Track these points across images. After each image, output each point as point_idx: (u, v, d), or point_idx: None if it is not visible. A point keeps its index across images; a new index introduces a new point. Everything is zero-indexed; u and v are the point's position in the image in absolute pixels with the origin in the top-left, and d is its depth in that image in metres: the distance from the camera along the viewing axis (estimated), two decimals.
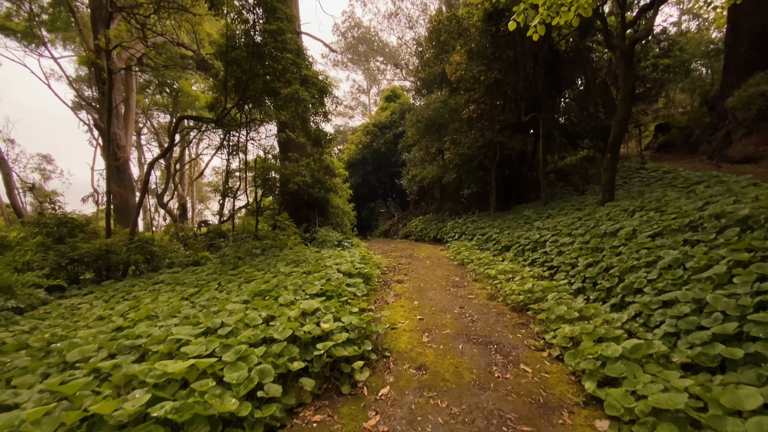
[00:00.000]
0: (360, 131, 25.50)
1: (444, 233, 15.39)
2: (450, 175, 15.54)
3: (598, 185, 14.08)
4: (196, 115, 14.03)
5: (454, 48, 15.28)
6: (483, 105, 14.08)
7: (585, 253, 6.96)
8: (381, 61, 46.84)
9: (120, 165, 17.21)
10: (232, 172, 16.67)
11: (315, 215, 13.83)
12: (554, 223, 9.65)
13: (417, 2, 38.20)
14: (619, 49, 9.23)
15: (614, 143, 9.72)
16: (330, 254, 9.43)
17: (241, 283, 6.37)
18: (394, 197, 27.51)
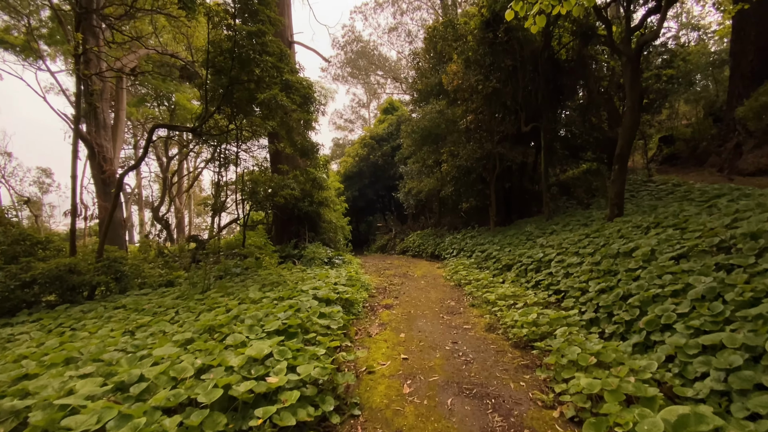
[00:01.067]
0: (357, 144, 24.85)
1: (442, 249, 14.50)
2: (448, 188, 14.73)
3: (603, 199, 13.23)
4: (172, 124, 13.33)
5: (450, 58, 14.64)
6: (481, 115, 13.34)
7: (596, 276, 6.06)
8: (381, 75, 46.63)
9: (106, 178, 16.47)
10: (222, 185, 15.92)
11: (305, 230, 12.98)
12: (559, 241, 8.77)
13: (416, 17, 38.07)
14: (625, 53, 8.48)
15: (622, 154, 8.89)
16: (314, 274, 8.55)
17: (200, 312, 5.50)
18: (393, 211, 26.69)
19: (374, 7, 41.16)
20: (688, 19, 27.01)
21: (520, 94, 12.44)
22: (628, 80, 8.49)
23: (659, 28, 7.60)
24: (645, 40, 8.08)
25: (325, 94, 17.43)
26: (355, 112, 50.03)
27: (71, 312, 6.96)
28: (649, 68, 15.25)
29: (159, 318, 5.61)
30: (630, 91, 8.51)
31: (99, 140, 16.02)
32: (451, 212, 18.70)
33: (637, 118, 8.62)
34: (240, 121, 10.71)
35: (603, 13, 8.60)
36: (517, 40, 12.49)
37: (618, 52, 8.56)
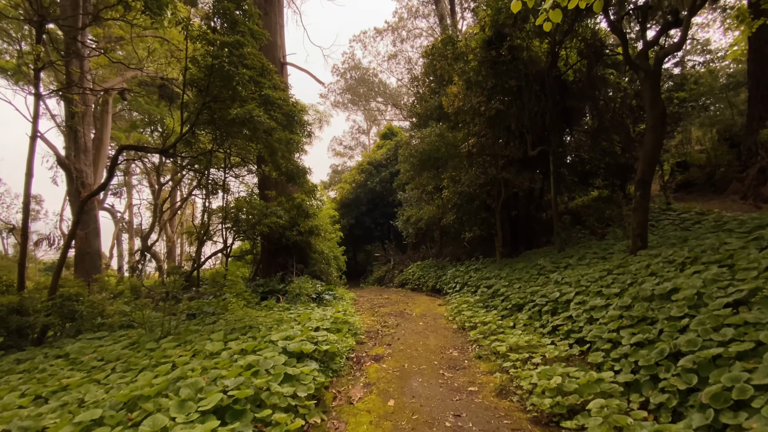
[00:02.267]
0: (354, 170, 24.25)
1: (443, 283, 13.48)
2: (449, 216, 13.87)
3: (619, 229, 12.35)
4: (139, 145, 12.68)
5: (451, 80, 14.13)
6: (484, 139, 12.65)
7: (628, 323, 5.09)
8: (381, 102, 46.79)
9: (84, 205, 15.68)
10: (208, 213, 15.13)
11: (293, 262, 12.04)
12: (576, 276, 7.81)
13: (416, 45, 38.44)
14: (643, 68, 7.80)
15: (644, 179, 8.06)
16: (296, 315, 7.57)
17: (140, 370, 4.52)
18: (391, 240, 25.75)
19: (374, 36, 41.69)
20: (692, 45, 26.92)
21: (526, 116, 11.78)
22: (648, 97, 7.77)
23: (683, 39, 6.94)
24: (666, 53, 7.43)
25: (320, 117, 16.91)
26: (355, 138, 49.97)
27: (2, 363, 5.96)
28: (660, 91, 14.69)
29: (93, 375, 4.64)
30: (650, 109, 7.77)
31: (78, 165, 15.34)
32: (453, 242, 17.75)
33: (659, 138, 7.85)
34: (228, 145, 10.05)
35: (617, 26, 7.99)
36: (522, 60, 11.97)
37: (635, 68, 7.88)
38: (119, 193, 35.78)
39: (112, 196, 35.74)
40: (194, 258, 15.46)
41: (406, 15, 38.88)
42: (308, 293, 10.16)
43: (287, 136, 7.38)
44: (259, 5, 13.48)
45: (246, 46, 6.74)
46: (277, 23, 13.97)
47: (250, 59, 6.77)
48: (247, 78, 6.59)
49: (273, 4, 13.82)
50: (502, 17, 9.22)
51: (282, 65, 13.97)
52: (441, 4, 22.86)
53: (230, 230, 12.00)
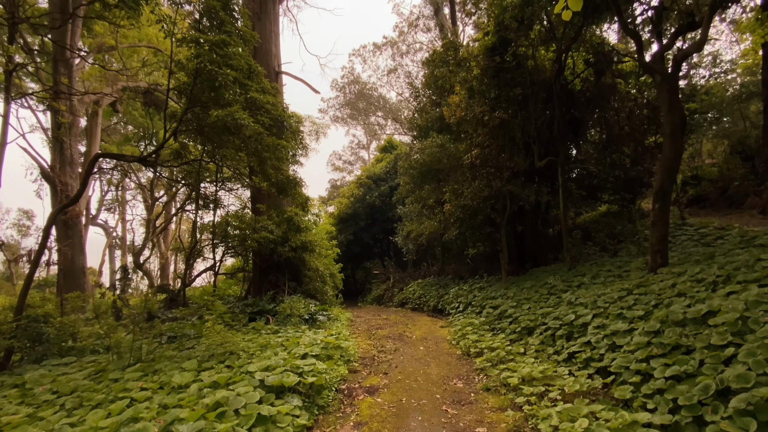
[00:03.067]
0: (353, 184, 23.82)
1: (446, 303, 12.85)
2: (451, 232, 13.32)
3: (632, 245, 11.78)
4: (117, 153, 12.26)
5: (452, 89, 13.80)
6: (488, 150, 12.21)
7: (660, 352, 4.50)
8: (381, 116, 46.77)
9: (68, 220, 15.18)
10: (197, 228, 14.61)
11: (285, 280, 11.45)
12: (591, 297, 7.22)
13: (417, 59, 38.54)
14: (659, 72, 7.39)
15: (663, 190, 7.55)
16: (284, 339, 6.97)
17: (94, 406, 3.93)
18: (392, 256, 25.14)
19: (373, 50, 41.93)
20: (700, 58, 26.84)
21: (533, 126, 11.36)
22: (666, 102, 7.33)
23: (703, 39, 6.52)
24: (685, 54, 7.02)
25: (317, 129, 16.55)
26: (355, 153, 49.81)
27: None
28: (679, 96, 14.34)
29: (40, 412, 4.05)
30: (668, 115, 7.32)
31: (63, 178, 14.90)
32: (455, 259, 17.16)
33: (679, 146, 7.38)
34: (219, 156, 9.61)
35: (631, 27, 7.61)
36: (527, 68, 11.65)
37: (651, 71, 7.47)
38: (113, 208, 35.36)
39: (105, 211, 35.33)
40: (182, 276, 14.90)
41: (406, 29, 39.20)
42: (300, 314, 9.55)
43: (275, 141, 6.91)
44: (254, 12, 13.24)
45: (231, 46, 6.34)
46: (272, 31, 13.72)
47: (236, 60, 6.37)
48: (232, 79, 6.17)
49: (268, 11, 13.60)
50: (507, 16, 8.82)
51: (276, 74, 13.66)
52: (441, 13, 22.81)
53: (219, 246, 11.47)
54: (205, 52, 6.03)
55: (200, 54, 6.04)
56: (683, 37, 8.00)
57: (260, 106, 6.84)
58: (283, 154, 7.23)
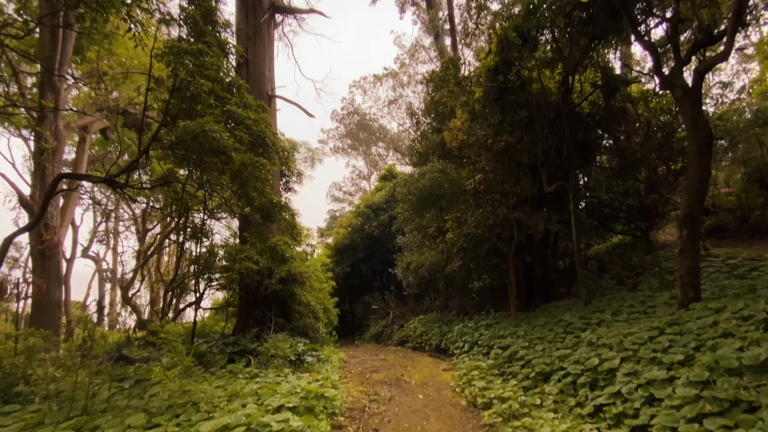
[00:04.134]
0: (351, 213, 23.24)
1: (449, 342, 11.90)
2: (455, 263, 12.55)
3: (653, 278, 11.00)
4: (80, 173, 11.75)
5: (453, 114, 13.43)
6: (492, 175, 11.65)
7: (715, 408, 3.67)
8: (383, 147, 46.94)
9: (45, 249, 14.50)
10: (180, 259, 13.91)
11: (271, 315, 10.61)
12: (616, 337, 6.38)
13: (417, 90, 38.98)
14: (679, 85, 6.89)
15: (691, 215, 6.88)
16: (258, 386, 6.10)
17: None
18: (392, 290, 24.18)
19: (373, 82, 42.59)
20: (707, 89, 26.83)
21: (540, 149, 10.83)
22: (689, 118, 6.78)
23: (729, 48, 6.04)
24: (708, 65, 6.52)
25: (313, 155, 16.12)
26: (356, 184, 49.67)
27: None
28: (681, 128, 13.93)
29: None
30: (692, 132, 6.75)
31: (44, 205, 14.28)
32: (459, 292, 16.25)
33: (707, 165, 6.75)
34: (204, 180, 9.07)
35: (646, 39, 7.17)
36: (531, 90, 11.27)
37: (670, 86, 6.97)
38: (104, 240, 34.71)
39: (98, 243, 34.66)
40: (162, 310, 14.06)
41: (407, 60, 39.88)
42: (285, 355, 8.66)
43: (252, 158, 6.33)
44: (248, 36, 13.13)
45: (209, 56, 5.89)
46: (266, 55, 13.55)
47: (212, 70, 5.89)
48: (206, 90, 5.67)
49: (262, 35, 13.48)
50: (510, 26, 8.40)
51: (270, 97, 13.36)
52: (440, 39, 22.98)
53: (201, 278, 10.72)
54: (179, 60, 5.57)
55: (170, 62, 5.57)
56: (702, 52, 7.53)
57: (240, 121, 6.33)
58: (263, 173, 6.63)
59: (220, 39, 6.63)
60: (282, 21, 15.78)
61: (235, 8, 13.63)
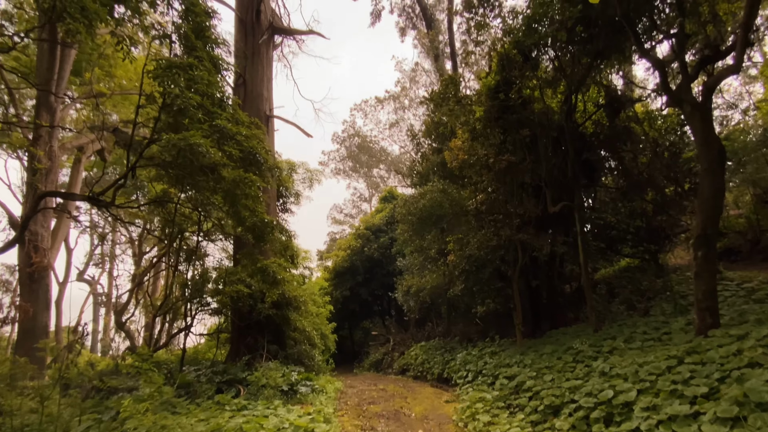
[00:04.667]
0: (351, 235, 22.96)
1: (452, 371, 11.41)
2: (457, 286, 12.17)
3: (666, 303, 10.58)
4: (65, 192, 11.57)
5: (453, 134, 13.33)
6: (494, 195, 11.42)
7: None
8: (384, 169, 47.13)
9: (33, 272, 14.20)
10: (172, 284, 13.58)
11: (264, 342, 10.19)
12: (630, 366, 5.98)
13: (418, 113, 39.36)
14: (688, 101, 6.72)
15: (705, 234, 6.57)
16: (244, 420, 5.69)
17: None
18: (392, 315, 23.63)
19: (374, 105, 43.11)
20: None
21: (543, 168, 10.63)
22: (699, 134, 6.57)
23: (739, 62, 5.88)
24: (718, 79, 6.36)
25: (311, 177, 16.00)
26: (356, 206, 49.64)
27: None
28: (687, 148, 13.77)
29: None
30: (703, 148, 6.53)
31: (34, 226, 14.08)
32: (462, 318, 15.77)
33: (720, 183, 6.50)
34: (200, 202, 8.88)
35: (651, 54, 7.04)
36: (534, 109, 11.17)
37: (678, 102, 6.81)
38: (101, 263, 34.36)
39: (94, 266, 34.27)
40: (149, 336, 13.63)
41: (408, 84, 40.43)
42: (277, 384, 8.23)
43: (241, 174, 6.11)
44: (246, 56, 13.20)
45: (198, 69, 5.76)
46: (264, 75, 13.59)
47: (202, 85, 5.75)
48: (195, 104, 5.51)
49: (261, 56, 13.55)
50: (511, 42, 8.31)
51: (267, 117, 13.32)
52: (440, 59, 23.20)
53: (192, 303, 10.37)
54: (167, 74, 5.43)
55: (158, 75, 5.43)
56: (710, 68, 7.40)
57: (230, 136, 6.15)
58: (253, 190, 6.39)
59: (213, 54, 6.52)
60: (281, 42, 15.93)
61: (234, 29, 13.78)
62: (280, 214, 14.76)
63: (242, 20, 13.47)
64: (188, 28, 6.14)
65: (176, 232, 13.21)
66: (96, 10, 4.99)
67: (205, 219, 11.12)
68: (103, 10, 4.93)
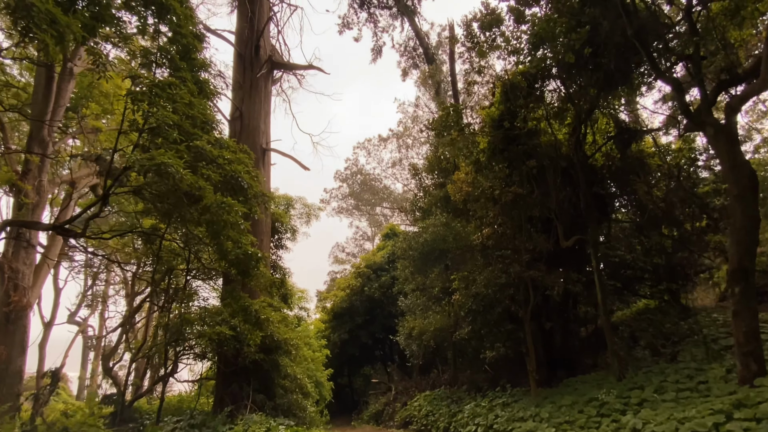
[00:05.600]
0: (351, 274, 22.21)
1: (459, 425, 10.39)
2: (463, 329, 11.35)
3: (695, 348, 9.69)
4: (28, 221, 11.10)
5: (456, 168, 12.99)
6: (501, 229, 10.86)
7: None
8: (387, 207, 46.92)
9: (10, 312, 13.50)
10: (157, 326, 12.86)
11: (249, 390, 9.33)
12: (669, 422, 5.18)
13: (422, 152, 39.58)
14: (711, 124, 6.29)
15: (743, 268, 5.93)
16: None
17: None
18: (395, 360, 22.43)
19: (377, 144, 43.59)
20: None
21: (553, 201, 10.12)
22: (726, 159, 6.09)
23: (764, 80, 5.47)
24: (742, 99, 5.96)
25: (308, 212, 15.58)
26: (359, 245, 49.13)
27: None
28: (704, 182, 13.30)
29: None
30: (732, 173, 6.02)
31: (15, 263, 13.51)
32: (470, 364, 14.74)
33: (753, 211, 5.93)
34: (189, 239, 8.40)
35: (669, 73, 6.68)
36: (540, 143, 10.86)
37: (701, 126, 6.40)
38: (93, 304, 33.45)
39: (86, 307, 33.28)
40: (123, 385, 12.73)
41: (410, 124, 40.93)
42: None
43: (219, 199, 5.60)
44: (242, 88, 13.16)
45: (179, 88, 5.42)
46: (261, 109, 13.51)
47: (181, 104, 5.37)
48: (171, 123, 5.11)
49: (259, 90, 13.52)
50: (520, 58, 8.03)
51: (264, 151, 13.08)
52: (441, 92, 23.32)
53: (172, 347, 9.62)
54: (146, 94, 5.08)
55: (136, 97, 5.08)
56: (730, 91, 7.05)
57: (210, 159, 5.71)
58: (235, 217, 5.85)
59: (198, 77, 6.23)
60: (281, 77, 16.02)
61: (233, 62, 13.83)
62: (274, 250, 14.20)
63: (241, 55, 13.55)
64: (175, 51, 5.88)
65: (164, 271, 12.63)
66: (68, 22, 4.69)
67: (195, 257, 10.59)
68: (74, 22, 4.64)
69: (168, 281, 12.57)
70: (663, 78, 6.73)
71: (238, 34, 13.80)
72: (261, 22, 13.59)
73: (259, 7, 13.65)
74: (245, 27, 13.36)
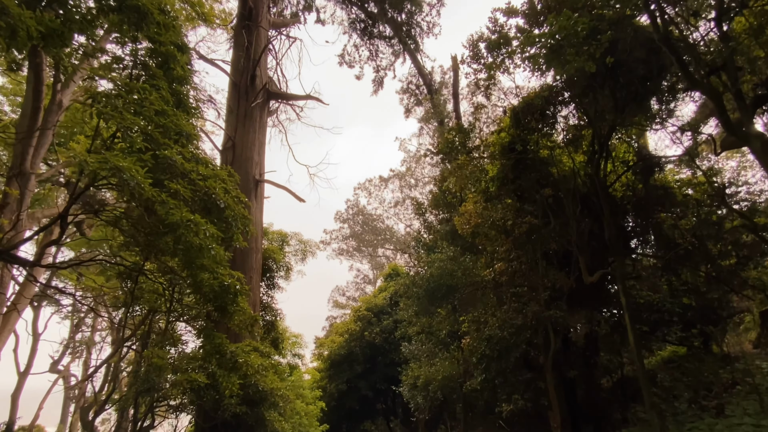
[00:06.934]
0: (350, 318, 21.02)
1: None
2: (475, 378, 10.18)
3: (745, 400, 8.54)
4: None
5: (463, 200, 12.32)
6: (515, 263, 9.97)
7: None
8: (390, 249, 46.05)
9: None
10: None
11: None
12: None
13: (425, 191, 39.24)
14: (756, 136, 5.61)
15: None
16: None
17: None
18: (398, 414, 20.73)
19: (378, 184, 43.44)
20: None
21: (574, 232, 9.29)
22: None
23: None
24: None
25: (305, 248, 14.80)
26: (360, 288, 47.81)
27: None
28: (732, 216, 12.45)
29: None
30: None
31: None
32: (482, 419, 13.34)
33: None
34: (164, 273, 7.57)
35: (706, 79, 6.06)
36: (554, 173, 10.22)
37: (745, 139, 5.72)
38: (78, 352, 31.89)
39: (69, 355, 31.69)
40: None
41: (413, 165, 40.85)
42: None
43: (186, 216, 4.80)
44: (234, 114, 12.81)
45: (148, 92, 4.80)
46: (255, 139, 13.11)
47: (149, 110, 4.72)
48: (137, 129, 4.45)
49: (254, 120, 13.17)
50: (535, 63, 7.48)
51: (257, 182, 12.50)
52: (445, 125, 23.08)
53: (141, 399, 8.52)
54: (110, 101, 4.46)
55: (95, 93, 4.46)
56: None
57: (182, 173, 4.99)
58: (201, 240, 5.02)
59: (178, 90, 5.67)
60: (277, 108, 15.75)
61: (228, 91, 13.58)
62: (265, 290, 13.29)
63: (236, 84, 13.32)
64: (153, 61, 5.38)
65: (145, 312, 11.69)
66: (20, 14, 4.15)
67: (178, 295, 9.72)
68: (27, 13, 4.10)
69: (150, 324, 11.62)
70: (698, 87, 6.14)
71: (233, 63, 13.63)
72: (257, 51, 13.44)
73: (256, 36, 13.54)
74: (241, 56, 13.19)
